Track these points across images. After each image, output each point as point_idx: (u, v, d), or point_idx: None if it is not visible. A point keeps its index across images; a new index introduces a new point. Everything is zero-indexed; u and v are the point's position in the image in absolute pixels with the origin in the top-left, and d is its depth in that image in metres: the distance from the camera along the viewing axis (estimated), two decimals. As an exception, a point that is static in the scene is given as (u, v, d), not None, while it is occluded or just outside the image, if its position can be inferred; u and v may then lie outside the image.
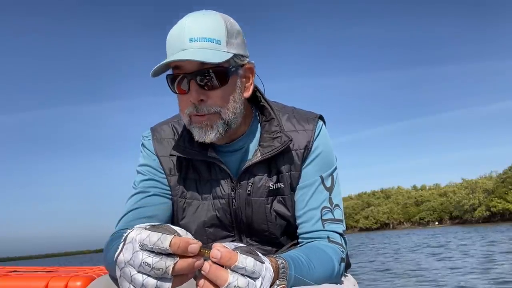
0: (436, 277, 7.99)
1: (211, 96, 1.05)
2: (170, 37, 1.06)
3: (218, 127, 1.07)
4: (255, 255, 0.74)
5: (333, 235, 1.13)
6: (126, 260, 0.68)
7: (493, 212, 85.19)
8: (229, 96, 1.07)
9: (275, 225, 1.17)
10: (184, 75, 1.04)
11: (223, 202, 1.16)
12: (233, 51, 1.05)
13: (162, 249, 0.66)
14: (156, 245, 0.66)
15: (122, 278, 0.69)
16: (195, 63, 1.02)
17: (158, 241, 0.66)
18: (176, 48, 1.03)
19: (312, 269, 0.95)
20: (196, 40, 1.02)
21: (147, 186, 1.18)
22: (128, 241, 0.69)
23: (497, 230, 31.28)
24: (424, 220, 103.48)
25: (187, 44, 1.02)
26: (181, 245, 0.67)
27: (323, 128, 1.21)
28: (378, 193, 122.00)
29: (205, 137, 1.07)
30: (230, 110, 1.07)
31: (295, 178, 1.17)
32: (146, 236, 0.67)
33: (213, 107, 1.05)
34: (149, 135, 1.24)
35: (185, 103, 1.07)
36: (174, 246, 0.66)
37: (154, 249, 0.66)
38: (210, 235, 1.18)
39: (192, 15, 1.06)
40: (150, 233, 0.67)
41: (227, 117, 1.07)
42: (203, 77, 1.03)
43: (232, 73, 1.07)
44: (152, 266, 0.66)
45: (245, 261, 0.71)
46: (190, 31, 1.02)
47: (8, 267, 2.02)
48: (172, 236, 0.67)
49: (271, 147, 1.13)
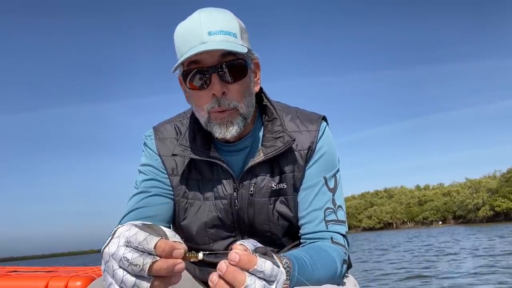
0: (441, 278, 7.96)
1: (231, 89, 1.04)
2: (184, 31, 1.04)
3: (238, 122, 1.07)
4: (271, 258, 0.73)
5: (336, 236, 1.12)
6: (110, 253, 0.67)
7: (497, 211, 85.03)
8: (246, 89, 1.07)
9: (277, 225, 1.16)
10: (204, 69, 1.02)
11: (225, 202, 1.15)
12: (246, 45, 1.06)
13: (146, 249, 0.65)
14: (142, 244, 0.65)
15: (105, 272, 0.69)
16: (215, 57, 1.01)
17: (144, 241, 0.65)
18: (194, 42, 1.01)
19: (315, 270, 0.95)
20: (215, 33, 1.01)
21: (149, 186, 1.17)
22: (116, 235, 0.68)
23: (500, 229, 31.20)
24: (428, 220, 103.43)
25: (207, 37, 1.00)
26: (166, 249, 0.66)
27: (327, 129, 1.20)
28: (381, 193, 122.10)
29: (227, 133, 1.06)
30: (246, 104, 1.07)
31: (298, 179, 1.15)
32: (133, 234, 0.66)
33: (233, 101, 1.04)
34: (151, 134, 1.23)
35: (204, 99, 1.05)
36: (159, 249, 0.65)
37: (138, 248, 0.65)
38: (212, 236, 1.17)
39: (203, 10, 1.05)
40: (138, 231, 0.66)
41: (244, 111, 1.07)
42: (224, 71, 1.03)
43: (249, 65, 1.08)
44: (130, 261, 0.64)
45: (264, 265, 0.69)
46: (208, 25, 1.01)
47: (8, 267, 2.02)
48: (158, 238, 0.66)
49: (274, 147, 1.12)
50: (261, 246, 0.74)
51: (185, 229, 1.18)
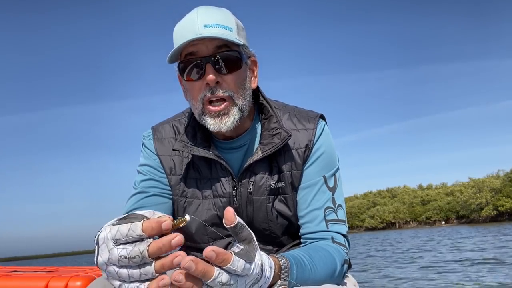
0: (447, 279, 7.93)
1: (226, 79, 1.06)
2: (181, 27, 1.06)
3: (234, 114, 1.07)
4: (248, 257, 0.71)
5: (337, 236, 1.12)
6: (105, 260, 0.67)
7: (500, 211, 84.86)
8: (241, 82, 1.08)
9: (276, 224, 1.16)
10: (199, 59, 1.04)
11: (224, 200, 1.14)
12: (243, 40, 1.07)
13: (136, 237, 0.66)
14: (129, 235, 0.65)
15: (110, 278, 0.69)
16: (210, 48, 1.03)
17: (130, 231, 0.65)
18: (190, 34, 1.03)
19: (314, 270, 0.94)
20: (211, 26, 1.03)
21: (147, 186, 1.18)
22: (101, 242, 0.68)
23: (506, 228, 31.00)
24: (431, 220, 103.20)
25: (202, 30, 1.02)
26: (154, 226, 0.66)
27: (326, 128, 1.20)
28: (384, 193, 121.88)
29: (222, 125, 1.06)
30: (242, 96, 1.08)
31: (296, 178, 1.15)
32: (116, 231, 0.66)
33: (228, 90, 1.05)
34: (149, 134, 1.23)
35: (198, 90, 1.06)
36: (147, 230, 0.65)
37: (129, 240, 0.66)
38: (211, 234, 1.17)
39: (200, 8, 1.07)
40: (119, 227, 0.66)
41: (240, 103, 1.08)
42: (218, 61, 1.04)
43: (244, 59, 1.09)
44: (128, 256, 0.65)
45: (237, 264, 0.69)
46: (203, 19, 1.03)
47: (8, 267, 2.02)
48: (141, 222, 0.66)
49: (271, 144, 1.12)
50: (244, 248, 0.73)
51: (184, 228, 1.18)
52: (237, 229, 0.71)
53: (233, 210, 0.71)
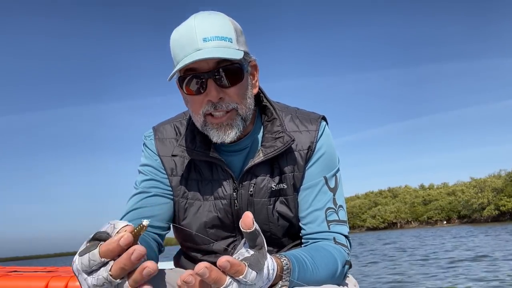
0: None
1: (229, 93, 1.04)
2: (179, 38, 1.03)
3: (237, 125, 1.06)
4: (258, 267, 0.73)
5: (339, 237, 1.12)
6: None
7: (502, 211, 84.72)
8: (244, 92, 1.07)
9: (277, 226, 1.16)
10: (200, 75, 1.02)
11: (224, 202, 1.14)
12: (242, 48, 1.06)
13: (99, 264, 0.66)
14: (92, 265, 0.66)
15: None
16: (211, 63, 1.01)
17: (90, 261, 0.66)
18: (189, 49, 1.01)
19: (315, 271, 0.95)
20: (210, 39, 1.00)
21: (148, 186, 1.17)
22: (77, 274, 0.70)
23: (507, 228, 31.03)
24: (432, 220, 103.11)
25: (202, 44, 1.00)
26: (111, 248, 0.66)
27: (326, 129, 1.20)
28: (385, 192, 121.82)
29: (226, 137, 1.06)
30: (246, 105, 1.07)
31: (298, 179, 1.15)
32: (80, 263, 0.67)
33: (231, 103, 1.04)
34: (151, 134, 1.23)
35: (199, 104, 1.05)
36: (106, 254, 0.66)
37: (94, 269, 0.67)
38: (212, 236, 1.17)
39: (198, 15, 1.05)
40: (81, 259, 0.67)
41: (243, 113, 1.07)
42: (221, 76, 1.02)
43: (245, 69, 1.08)
44: (97, 285, 0.66)
45: (249, 276, 0.71)
46: (202, 31, 1.01)
47: (8, 267, 2.03)
48: (97, 248, 0.66)
49: (274, 147, 1.12)
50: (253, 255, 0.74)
51: (184, 229, 1.18)
52: (252, 235, 0.72)
53: (251, 216, 0.72)
